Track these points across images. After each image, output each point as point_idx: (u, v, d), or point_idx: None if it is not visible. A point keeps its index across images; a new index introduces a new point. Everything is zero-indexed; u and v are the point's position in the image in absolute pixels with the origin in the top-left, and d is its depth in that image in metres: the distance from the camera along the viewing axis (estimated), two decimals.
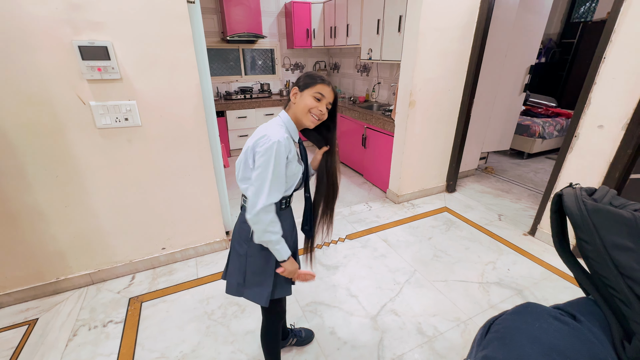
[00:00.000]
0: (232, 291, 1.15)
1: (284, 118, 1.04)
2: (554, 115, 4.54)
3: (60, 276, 1.88)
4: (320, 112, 1.01)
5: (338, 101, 1.08)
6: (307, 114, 1.01)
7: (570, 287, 1.94)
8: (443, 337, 1.61)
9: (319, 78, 1.01)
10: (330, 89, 1.02)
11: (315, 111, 1.01)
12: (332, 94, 1.03)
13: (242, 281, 1.12)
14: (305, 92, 1.01)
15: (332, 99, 1.04)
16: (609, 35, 1.83)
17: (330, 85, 1.02)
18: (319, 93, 1.00)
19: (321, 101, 1.01)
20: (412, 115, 2.67)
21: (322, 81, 1.01)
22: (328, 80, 1.03)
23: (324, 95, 1.00)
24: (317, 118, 1.02)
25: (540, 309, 0.71)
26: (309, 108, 1.00)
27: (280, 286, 1.14)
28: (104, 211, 1.86)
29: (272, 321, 1.25)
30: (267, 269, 1.10)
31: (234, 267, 1.14)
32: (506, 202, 3.04)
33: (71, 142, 1.66)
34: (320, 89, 1.00)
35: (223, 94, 4.36)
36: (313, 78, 1.01)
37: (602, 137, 1.94)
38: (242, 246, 1.10)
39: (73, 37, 1.50)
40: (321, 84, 1.00)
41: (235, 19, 3.82)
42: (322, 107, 1.01)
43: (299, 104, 1.01)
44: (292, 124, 1.04)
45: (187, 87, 1.80)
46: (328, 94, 1.01)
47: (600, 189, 0.82)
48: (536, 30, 3.30)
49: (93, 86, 1.60)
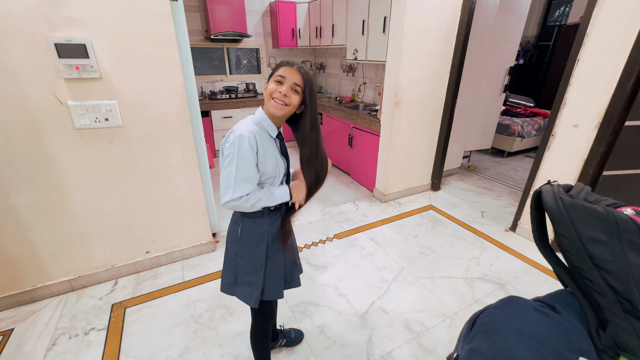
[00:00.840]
0: (226, 289, 1.16)
1: (258, 114, 1.02)
2: (532, 115, 4.71)
3: (38, 283, 1.80)
4: (281, 93, 0.93)
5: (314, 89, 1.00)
6: (269, 99, 0.96)
7: (549, 280, 2.02)
8: (430, 333, 1.65)
9: (283, 62, 0.97)
10: (293, 69, 0.94)
11: (276, 95, 0.94)
12: (297, 73, 0.94)
13: (233, 280, 1.12)
14: (270, 80, 0.98)
15: (299, 79, 0.95)
16: (582, 39, 1.91)
17: (295, 66, 0.95)
18: (279, 76, 0.94)
19: (282, 83, 0.94)
20: (398, 115, 2.71)
21: (283, 64, 0.95)
22: (293, 62, 0.97)
23: (284, 76, 0.94)
24: (280, 102, 0.95)
25: (522, 301, 0.74)
26: (270, 93, 0.95)
27: (272, 289, 1.13)
28: (83, 215, 1.79)
29: (261, 322, 1.24)
30: (257, 270, 1.10)
31: (227, 265, 1.15)
32: (488, 200, 3.13)
33: (48, 143, 1.59)
34: (281, 71, 0.94)
35: (208, 94, 4.29)
36: (277, 64, 0.98)
37: (577, 136, 2.03)
38: (233, 245, 1.10)
39: (49, 34, 1.44)
40: (282, 67, 0.95)
41: (219, 17, 3.77)
42: (284, 88, 0.93)
43: (265, 93, 0.98)
44: (266, 119, 1.01)
45: (170, 86, 1.76)
46: (290, 74, 0.94)
47: (576, 186, 0.86)
48: (515, 33, 3.42)
49: (71, 85, 1.54)
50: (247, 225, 1.08)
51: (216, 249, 2.30)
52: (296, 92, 0.96)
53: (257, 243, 1.09)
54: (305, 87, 0.97)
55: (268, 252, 1.10)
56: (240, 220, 1.08)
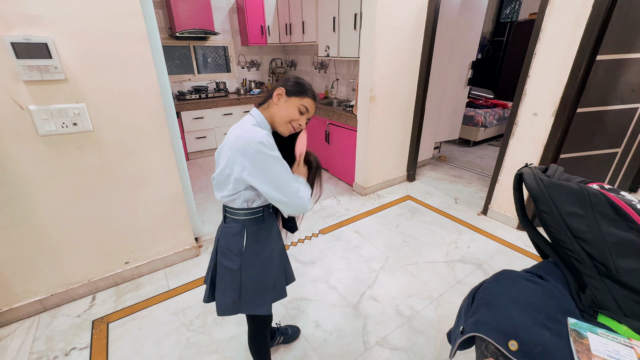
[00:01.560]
0: (228, 311, 1.06)
1: (257, 117, 0.97)
2: (493, 106, 5.04)
3: (4, 307, 1.65)
4: (300, 126, 0.99)
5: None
6: (287, 123, 0.97)
7: (520, 257, 2.20)
8: (420, 315, 1.73)
9: (310, 91, 0.98)
10: (315, 105, 1.00)
11: (296, 124, 0.98)
12: (314, 110, 1.02)
13: (237, 297, 1.04)
14: (292, 99, 0.96)
15: (313, 114, 1.02)
16: (538, 34, 2.09)
17: (317, 102, 1.01)
18: (304, 106, 0.97)
19: (304, 115, 0.98)
20: (374, 110, 2.78)
21: (312, 95, 0.98)
22: (316, 94, 1.02)
23: (308, 110, 0.98)
24: (294, 130, 1.00)
25: (514, 274, 0.81)
26: (291, 119, 0.96)
27: (278, 289, 1.12)
28: (53, 228, 1.66)
29: (260, 328, 1.21)
30: (266, 275, 1.06)
31: (225, 284, 1.05)
32: (460, 187, 3.32)
33: (8, 152, 1.45)
34: (308, 103, 0.97)
35: (176, 94, 4.11)
36: (305, 88, 0.98)
37: (537, 123, 2.22)
38: (234, 261, 1.02)
39: (4, 32, 1.31)
40: (310, 99, 0.98)
41: (184, 14, 3.62)
42: (303, 121, 0.99)
43: (282, 109, 0.96)
44: (265, 123, 0.98)
45: (143, 86, 1.68)
46: (312, 109, 1.00)
47: (551, 167, 0.96)
48: (475, 29, 3.63)
49: (32, 88, 1.42)
50: (251, 234, 1.03)
51: (200, 254, 2.24)
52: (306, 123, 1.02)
53: (263, 247, 1.05)
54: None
55: (273, 253, 1.08)
56: (242, 232, 1.02)
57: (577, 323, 0.70)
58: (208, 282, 1.13)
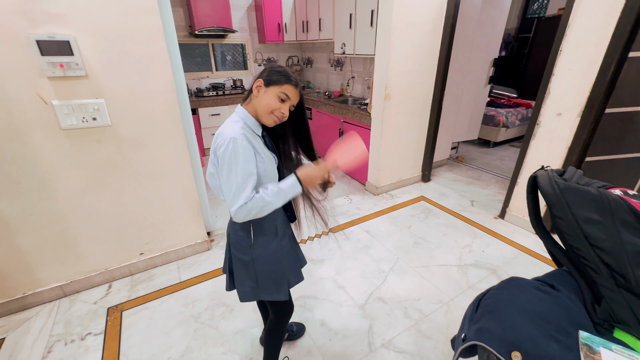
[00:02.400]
0: (248, 297, 1.11)
1: (240, 113, 0.98)
2: (515, 105, 4.84)
3: (28, 291, 1.75)
4: (282, 114, 0.95)
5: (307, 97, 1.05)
6: (269, 114, 0.95)
7: (537, 263, 2.10)
8: (428, 319, 1.69)
9: (291, 79, 0.94)
10: (297, 91, 0.96)
11: (278, 113, 0.95)
12: (298, 96, 0.97)
13: (255, 285, 1.09)
14: (270, 88, 0.94)
15: (297, 101, 0.98)
16: (564, 30, 1.98)
17: (299, 87, 0.96)
18: (284, 94, 0.93)
19: (285, 102, 0.95)
20: (388, 108, 2.73)
21: (292, 83, 0.94)
22: (297, 80, 0.96)
23: (289, 97, 0.94)
24: (278, 119, 0.97)
25: (523, 282, 0.77)
26: (272, 109, 0.94)
27: (294, 273, 1.15)
28: (74, 218, 1.74)
29: (284, 318, 1.23)
30: (279, 263, 1.10)
31: (242, 275, 1.09)
32: (477, 189, 3.22)
33: (34, 145, 1.53)
34: (287, 89, 0.93)
35: (194, 91, 4.20)
36: (283, 75, 0.93)
37: (561, 124, 2.11)
38: (246, 254, 1.06)
39: (30, 30, 1.37)
40: (290, 85, 0.94)
41: (203, 12, 3.68)
42: (285, 108, 0.95)
43: (262, 100, 0.94)
44: (250, 119, 0.97)
45: (160, 83, 1.72)
46: (294, 96, 0.95)
47: (568, 170, 0.90)
48: (498, 25, 3.49)
49: (55, 84, 1.49)
50: (256, 228, 1.05)
51: (212, 247, 2.28)
52: (290, 111, 0.99)
53: (270, 238, 1.07)
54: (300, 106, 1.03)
55: (282, 242, 1.10)
56: (249, 225, 1.04)
57: (590, 337, 0.66)
58: (227, 271, 1.18)
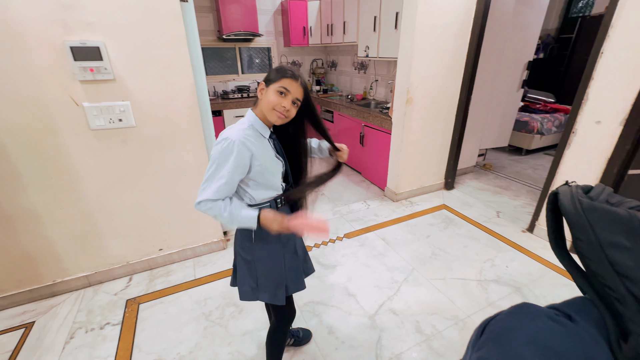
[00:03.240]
0: (248, 296, 1.12)
1: (248, 116, 1.00)
2: (553, 111, 4.52)
3: (57, 279, 1.87)
4: (284, 108, 0.94)
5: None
6: (271, 110, 0.94)
7: (568, 284, 1.93)
8: (441, 336, 1.61)
9: (288, 72, 0.94)
10: (297, 84, 0.94)
11: (279, 107, 0.93)
12: (300, 89, 0.95)
13: (255, 285, 1.10)
14: (270, 86, 0.94)
15: (300, 94, 0.96)
16: (606, 30, 1.81)
17: (299, 80, 0.95)
18: (283, 88, 0.92)
19: (286, 96, 0.93)
20: (410, 113, 2.65)
21: (288, 75, 0.93)
22: (298, 74, 0.95)
23: (288, 90, 0.93)
24: (282, 114, 0.95)
25: (535, 309, 0.70)
26: (273, 105, 0.93)
27: (293, 282, 1.14)
28: (99, 213, 1.85)
29: (281, 323, 1.23)
30: (279, 268, 1.10)
31: (243, 273, 1.12)
32: (505, 199, 3.03)
33: (65, 144, 1.65)
34: (285, 83, 0.93)
35: (220, 93, 4.34)
36: (280, 72, 0.94)
37: (600, 133, 1.93)
38: (248, 252, 1.08)
39: (65, 37, 1.48)
40: (287, 79, 0.93)
41: (231, 17, 3.80)
42: (286, 102, 0.94)
43: (264, 100, 0.96)
44: (258, 121, 0.99)
45: (181, 86, 1.79)
46: (294, 89, 0.94)
47: (596, 187, 0.81)
48: (534, 26, 3.28)
49: (86, 87, 1.59)
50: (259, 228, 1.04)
51: (227, 247, 2.33)
52: (295, 105, 0.97)
53: (273, 241, 1.08)
54: (305, 99, 0.99)
55: (285, 247, 1.10)
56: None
57: None
58: (234, 267, 1.20)
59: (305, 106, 1.01)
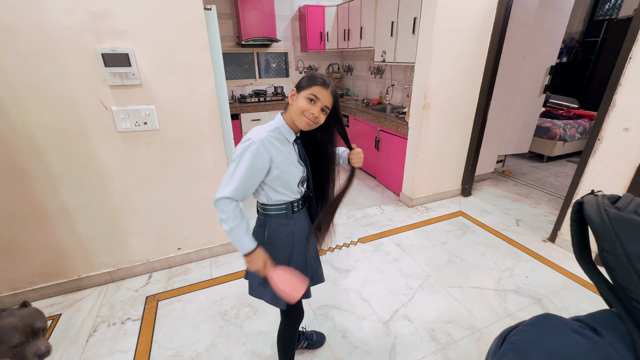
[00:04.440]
0: (255, 292, 1.17)
1: (277, 120, 1.03)
2: (576, 117, 4.37)
3: (82, 273, 1.96)
4: (312, 114, 0.96)
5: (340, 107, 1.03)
6: (300, 115, 0.97)
7: (593, 297, 1.86)
8: (457, 345, 1.58)
9: (318, 79, 0.96)
10: (327, 92, 0.96)
11: (308, 114, 0.96)
12: (330, 97, 0.97)
13: (263, 282, 1.13)
14: (302, 92, 0.97)
15: (330, 102, 0.98)
16: (635, 34, 1.75)
17: (329, 88, 0.97)
18: (313, 95, 0.95)
19: (315, 103, 0.96)
20: (426, 118, 2.63)
21: (319, 83, 0.96)
22: (328, 82, 0.97)
23: (318, 97, 0.95)
24: (311, 120, 0.97)
25: (558, 320, 0.69)
26: (302, 110, 0.96)
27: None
28: (123, 212, 1.93)
29: (290, 323, 1.25)
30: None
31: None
32: (525, 207, 2.95)
33: (94, 145, 1.73)
34: (315, 90, 0.95)
35: (238, 97, 4.43)
36: (311, 79, 0.97)
37: (628, 140, 1.86)
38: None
39: (97, 45, 1.56)
40: (317, 86, 0.95)
41: (251, 23, 3.89)
42: (315, 109, 0.96)
43: (294, 106, 0.98)
44: (285, 126, 1.02)
45: (203, 91, 1.85)
46: (324, 96, 0.96)
47: (624, 197, 0.79)
48: (557, 29, 3.20)
49: (115, 92, 1.67)
50: (273, 228, 1.09)
51: None
52: (324, 112, 0.99)
53: (283, 245, 1.10)
54: (335, 107, 1.01)
55: (294, 251, 1.12)
56: (266, 223, 1.10)
57: None
58: None
59: (333, 114, 1.03)
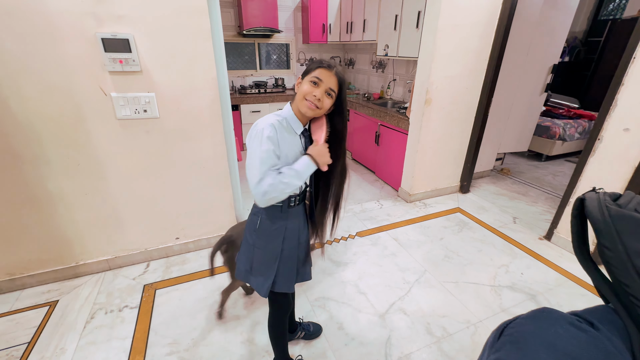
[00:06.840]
0: (241, 276, 1.20)
1: (285, 110, 1.02)
2: (576, 116, 4.38)
3: (80, 261, 1.96)
4: (315, 97, 0.93)
5: (345, 91, 1.00)
6: (302, 100, 0.95)
7: (586, 294, 1.88)
8: (452, 339, 1.60)
9: (323, 62, 0.94)
10: (331, 73, 0.93)
11: (310, 96, 0.93)
12: (334, 78, 0.94)
13: (249, 268, 1.15)
14: (305, 78, 0.95)
15: (334, 84, 0.94)
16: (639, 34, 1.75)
17: (333, 70, 0.94)
18: (316, 77, 0.92)
19: (318, 86, 0.93)
20: (428, 114, 2.62)
21: (322, 65, 0.93)
22: (333, 64, 0.94)
23: (321, 79, 0.92)
24: (313, 104, 0.94)
25: (556, 314, 0.70)
26: (304, 94, 0.94)
27: (283, 282, 1.15)
28: (121, 200, 1.92)
29: (276, 313, 1.26)
30: (271, 263, 1.12)
31: (243, 253, 1.18)
32: (522, 205, 2.97)
33: (92, 132, 1.71)
34: (318, 73, 0.93)
35: (238, 88, 4.39)
36: (315, 62, 0.95)
37: (628, 141, 1.86)
38: (252, 236, 1.13)
39: (97, 29, 1.54)
40: (320, 68, 0.93)
41: (252, 13, 3.83)
42: (318, 92, 0.93)
43: (298, 92, 0.97)
44: (293, 116, 1.00)
45: (204, 80, 1.82)
46: (327, 78, 0.93)
47: (625, 195, 0.79)
48: (561, 28, 3.18)
49: (114, 78, 1.64)
50: (265, 218, 1.09)
51: None
52: (330, 96, 0.96)
53: (274, 236, 1.10)
54: (340, 91, 0.98)
55: (284, 245, 1.12)
56: (260, 212, 1.09)
57: None
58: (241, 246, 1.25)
59: (337, 101, 1.00)
